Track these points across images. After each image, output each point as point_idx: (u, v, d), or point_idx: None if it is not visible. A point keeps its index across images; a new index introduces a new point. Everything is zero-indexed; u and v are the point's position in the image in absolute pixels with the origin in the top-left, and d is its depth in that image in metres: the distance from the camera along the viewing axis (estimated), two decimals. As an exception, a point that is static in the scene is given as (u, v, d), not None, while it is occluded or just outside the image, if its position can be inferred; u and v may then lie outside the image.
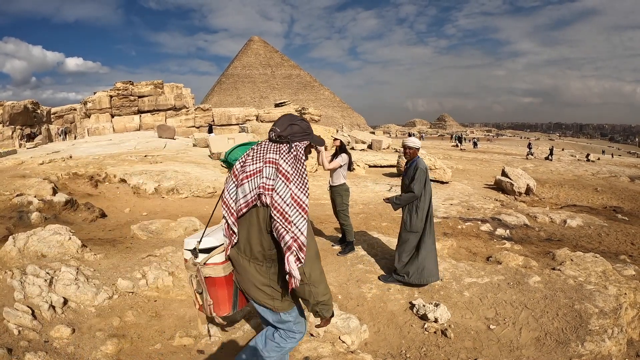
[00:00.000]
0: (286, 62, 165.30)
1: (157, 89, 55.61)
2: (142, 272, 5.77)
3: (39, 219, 9.41)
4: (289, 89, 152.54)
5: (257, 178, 2.79)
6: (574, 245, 8.74)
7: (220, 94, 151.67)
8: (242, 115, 56.99)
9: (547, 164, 36.32)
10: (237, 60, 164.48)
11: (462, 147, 58.21)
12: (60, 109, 53.02)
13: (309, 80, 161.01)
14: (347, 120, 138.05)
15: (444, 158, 32.18)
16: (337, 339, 4.63)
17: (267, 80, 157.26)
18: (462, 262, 7.01)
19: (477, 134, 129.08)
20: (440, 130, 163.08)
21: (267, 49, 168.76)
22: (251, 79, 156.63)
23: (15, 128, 42.12)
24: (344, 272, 6.63)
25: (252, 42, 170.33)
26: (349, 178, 20.21)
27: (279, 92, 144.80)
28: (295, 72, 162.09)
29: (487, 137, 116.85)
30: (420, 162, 6.12)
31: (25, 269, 5.38)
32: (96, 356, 4.19)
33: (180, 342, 4.55)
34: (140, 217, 11.44)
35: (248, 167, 2.84)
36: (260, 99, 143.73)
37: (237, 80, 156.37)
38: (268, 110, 60.54)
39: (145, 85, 55.52)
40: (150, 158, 22.23)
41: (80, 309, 4.98)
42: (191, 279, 3.09)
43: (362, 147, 37.56)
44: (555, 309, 5.35)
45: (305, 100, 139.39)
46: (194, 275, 3.06)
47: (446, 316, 5.21)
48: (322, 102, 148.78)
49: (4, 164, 21.17)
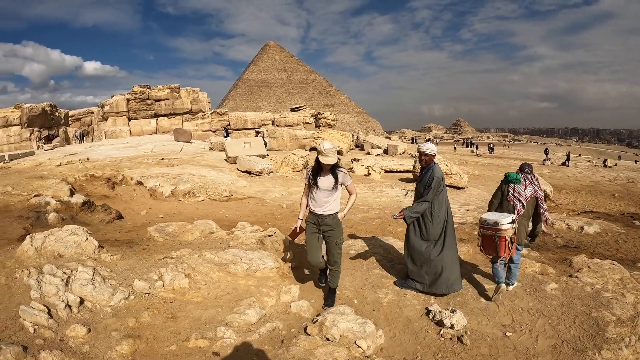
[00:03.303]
0: (302, 67, 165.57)
1: (174, 93, 55.88)
2: (159, 274, 5.76)
3: (56, 220, 9.46)
4: (304, 93, 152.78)
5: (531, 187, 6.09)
6: (591, 252, 8.61)
7: (236, 98, 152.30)
8: (258, 120, 57.14)
9: (563, 169, 36.01)
10: (253, 65, 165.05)
11: (478, 153, 57.83)
12: (77, 112, 53.53)
13: (324, 85, 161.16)
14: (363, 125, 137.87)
15: (460, 163, 31.97)
16: (352, 343, 4.58)
17: (283, 85, 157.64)
18: (478, 268, 6.93)
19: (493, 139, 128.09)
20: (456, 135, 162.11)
21: (283, 53, 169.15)
22: (267, 84, 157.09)
23: (33, 130, 42.52)
24: (359, 277, 6.59)
25: (268, 47, 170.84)
26: (365, 183, 20.22)
27: (294, 97, 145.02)
28: (311, 77, 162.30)
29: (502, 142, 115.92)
30: (437, 170, 5.96)
31: (42, 268, 5.39)
32: (111, 356, 4.18)
33: (195, 344, 4.53)
34: (156, 219, 11.48)
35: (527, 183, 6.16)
36: (276, 104, 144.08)
37: (253, 84, 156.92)
38: (284, 115, 60.65)
39: (162, 89, 55.81)
40: (167, 161, 22.35)
41: (96, 308, 4.98)
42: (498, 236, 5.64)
43: (377, 152, 37.50)
44: (572, 316, 5.26)
45: (321, 105, 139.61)
46: (508, 235, 5.59)
47: (462, 322, 5.14)
48: (337, 107, 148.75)
49: (22, 165, 21.43)
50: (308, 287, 6.26)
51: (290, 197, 15.06)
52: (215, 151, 29.98)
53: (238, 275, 6.04)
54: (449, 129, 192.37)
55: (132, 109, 53.71)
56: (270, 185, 17.77)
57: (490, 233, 5.70)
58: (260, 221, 10.91)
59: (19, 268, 5.50)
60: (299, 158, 22.73)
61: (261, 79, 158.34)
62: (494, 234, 5.65)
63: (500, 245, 5.61)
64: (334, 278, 5.81)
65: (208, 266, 6.09)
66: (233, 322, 4.94)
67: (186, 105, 55.51)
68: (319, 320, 4.88)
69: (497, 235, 5.63)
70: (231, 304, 5.40)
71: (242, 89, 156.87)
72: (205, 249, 6.83)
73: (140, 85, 55.21)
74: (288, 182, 18.84)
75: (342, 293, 6.02)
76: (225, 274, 6.03)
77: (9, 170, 20.29)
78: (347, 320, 4.78)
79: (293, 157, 22.85)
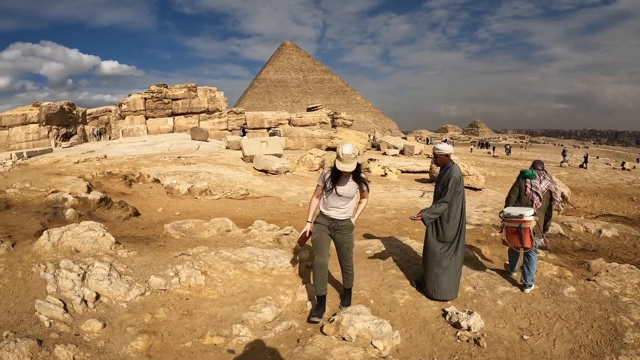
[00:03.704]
0: (318, 67, 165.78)
1: (191, 92, 56.24)
2: (175, 271, 5.75)
3: (73, 216, 9.50)
4: (321, 93, 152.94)
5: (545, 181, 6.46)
6: (609, 256, 8.44)
7: (252, 97, 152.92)
8: (275, 119, 57.29)
9: (581, 171, 35.63)
10: (269, 65, 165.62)
11: (494, 154, 57.46)
12: (95, 110, 54.11)
13: (341, 85, 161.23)
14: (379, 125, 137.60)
15: (477, 164, 31.77)
16: (369, 344, 4.51)
17: (299, 84, 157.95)
18: (495, 271, 6.83)
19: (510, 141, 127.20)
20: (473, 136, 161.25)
21: (300, 53, 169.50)
22: (283, 84, 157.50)
23: (51, 128, 43.12)
24: (376, 277, 6.51)
25: (285, 47, 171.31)
26: (382, 183, 20.14)
27: (311, 97, 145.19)
28: (327, 77, 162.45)
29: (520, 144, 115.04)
30: (455, 170, 5.89)
31: (58, 263, 5.40)
32: (126, 351, 4.17)
33: (210, 341, 4.50)
34: (173, 216, 11.50)
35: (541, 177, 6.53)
36: (293, 103, 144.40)
37: (270, 84, 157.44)
38: (300, 115, 60.76)
39: (179, 88, 56.20)
40: (184, 159, 22.44)
41: (112, 304, 4.98)
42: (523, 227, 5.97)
43: (394, 152, 37.39)
44: (590, 320, 5.16)
45: (338, 105, 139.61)
46: (531, 227, 5.92)
47: (479, 325, 5.05)
48: (354, 107, 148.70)
49: (40, 162, 21.64)
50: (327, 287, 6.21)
51: (307, 197, 15.01)
52: (231, 150, 30.08)
53: (254, 273, 6.00)
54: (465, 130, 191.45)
55: (150, 108, 54.15)
56: (286, 184, 17.76)
57: (514, 225, 6.04)
58: (277, 220, 10.87)
59: (36, 262, 5.52)
60: (315, 157, 22.72)
61: (278, 79, 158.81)
62: (519, 226, 5.98)
63: (525, 236, 5.95)
64: (349, 279, 5.64)
65: (224, 264, 6.06)
66: (249, 320, 4.90)
67: (203, 104, 55.84)
68: (336, 319, 4.83)
69: (522, 227, 5.96)
70: (247, 301, 5.37)
71: (258, 88, 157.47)
72: (222, 247, 6.81)
73: (157, 84, 55.66)
74: (304, 182, 18.81)
75: (359, 293, 5.95)
76: (242, 272, 6.00)
77: (27, 167, 20.50)
78: (363, 320, 4.71)
79: (309, 156, 22.84)
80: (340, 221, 5.36)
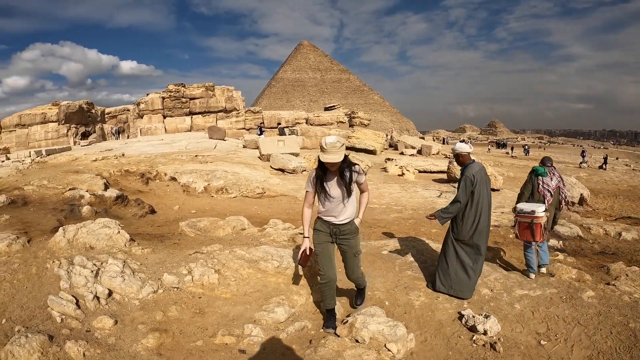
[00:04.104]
0: (335, 67, 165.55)
1: (208, 92, 56.48)
2: (188, 269, 5.73)
3: (90, 213, 9.55)
4: (338, 93, 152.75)
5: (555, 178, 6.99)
6: (629, 260, 8.26)
7: (270, 97, 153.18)
8: (292, 118, 57.28)
9: (600, 173, 35.11)
10: (287, 65, 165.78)
11: (513, 154, 56.95)
12: (114, 110, 54.52)
13: (358, 85, 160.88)
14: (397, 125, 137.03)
15: (495, 165, 31.49)
16: (382, 346, 4.44)
17: (316, 84, 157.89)
18: (513, 273, 6.69)
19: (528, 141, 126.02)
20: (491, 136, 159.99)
21: (317, 53, 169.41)
22: (301, 83, 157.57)
23: (70, 126, 43.61)
24: (391, 279, 6.43)
25: (302, 47, 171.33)
26: (399, 182, 20.05)
27: (328, 96, 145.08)
28: (344, 77, 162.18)
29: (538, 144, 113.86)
30: (469, 169, 5.85)
31: (72, 259, 5.41)
32: (136, 349, 4.15)
33: (222, 340, 4.46)
34: (188, 214, 11.52)
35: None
36: (310, 103, 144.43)
37: (287, 84, 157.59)
38: (318, 114, 60.67)
39: (196, 87, 56.47)
40: (201, 158, 22.51)
41: (124, 301, 4.98)
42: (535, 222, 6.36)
43: (411, 152, 37.22)
44: (609, 326, 5.02)
45: (355, 104, 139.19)
46: (542, 222, 6.34)
47: (496, 329, 4.94)
48: (371, 106, 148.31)
49: (58, 160, 21.85)
50: (339, 287, 6.14)
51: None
52: (248, 149, 30.13)
53: (268, 273, 5.95)
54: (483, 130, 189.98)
55: (167, 107, 54.51)
56: (303, 183, 17.67)
57: (527, 221, 6.45)
58: (292, 219, 10.82)
59: (50, 259, 5.54)
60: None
61: (295, 78, 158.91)
62: (531, 221, 6.39)
63: (537, 231, 6.37)
64: (360, 285, 5.35)
65: (238, 262, 6.02)
66: (261, 319, 4.86)
67: (220, 104, 56.05)
68: (349, 321, 4.76)
69: (534, 222, 6.37)
70: (260, 301, 5.32)
71: (276, 87, 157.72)
72: (236, 245, 6.78)
73: (175, 83, 55.99)
74: (321, 181, 18.71)
75: (374, 294, 5.88)
76: (256, 271, 5.96)
77: (46, 165, 20.71)
78: (377, 322, 4.63)
79: (326, 155, 22.74)
80: (342, 225, 4.84)
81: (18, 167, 19.40)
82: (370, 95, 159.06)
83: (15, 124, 42.78)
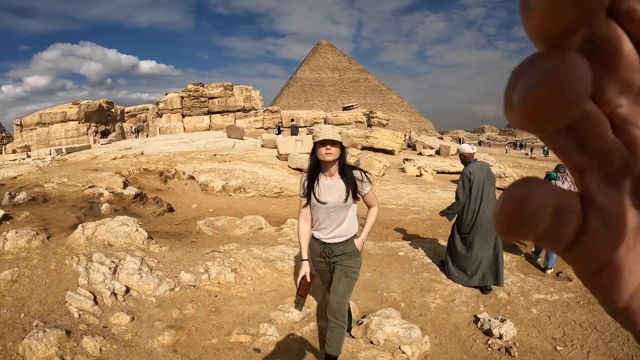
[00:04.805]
0: (354, 66, 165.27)
1: (227, 91, 56.71)
2: (205, 267, 5.75)
3: (109, 210, 9.63)
4: (356, 92, 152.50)
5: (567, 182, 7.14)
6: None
7: (288, 96, 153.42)
8: (310, 118, 57.26)
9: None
10: (305, 64, 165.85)
11: (532, 155, 56.45)
12: (133, 109, 55.04)
13: (376, 84, 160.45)
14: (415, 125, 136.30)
15: (514, 166, 31.20)
16: (397, 348, 4.42)
17: (335, 83, 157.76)
18: (530, 277, 6.63)
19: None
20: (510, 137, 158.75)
21: (335, 52, 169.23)
22: (319, 83, 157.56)
23: (90, 125, 44.17)
24: (408, 280, 6.40)
25: (320, 46, 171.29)
26: (417, 183, 19.94)
27: (347, 96, 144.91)
28: (363, 76, 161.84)
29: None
30: (466, 167, 6.36)
31: (91, 256, 5.46)
32: (152, 345, 4.17)
33: (237, 339, 4.47)
34: (206, 213, 11.56)
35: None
36: (328, 102, 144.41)
37: (306, 83, 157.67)
38: (336, 114, 60.57)
39: (215, 87, 56.72)
40: (219, 157, 22.59)
41: (141, 298, 5.01)
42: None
43: (429, 152, 36.99)
44: (626, 333, 4.93)
45: (373, 104, 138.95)
46: None
47: (511, 333, 4.89)
48: (390, 106, 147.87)
49: (78, 158, 22.09)
50: (356, 288, 6.09)
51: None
52: (267, 148, 30.17)
53: (284, 272, 5.95)
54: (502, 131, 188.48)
55: (186, 106, 54.81)
56: (320, 183, 17.67)
57: None
58: (309, 218, 10.81)
59: (69, 255, 5.59)
60: (350, 157, 22.59)
61: (313, 78, 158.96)
62: None
63: None
64: (333, 337, 3.79)
65: (255, 262, 6.03)
66: (276, 319, 4.86)
67: (239, 103, 56.22)
68: (364, 322, 4.74)
69: None
70: (276, 300, 5.33)
71: (294, 87, 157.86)
72: (253, 245, 6.80)
73: (194, 83, 56.27)
74: (338, 181, 18.69)
75: (390, 295, 5.86)
76: (272, 270, 5.96)
77: (66, 163, 20.97)
78: (393, 324, 4.61)
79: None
80: (336, 245, 3.76)
81: (38, 164, 19.68)
82: (389, 94, 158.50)
83: (36, 122, 43.49)
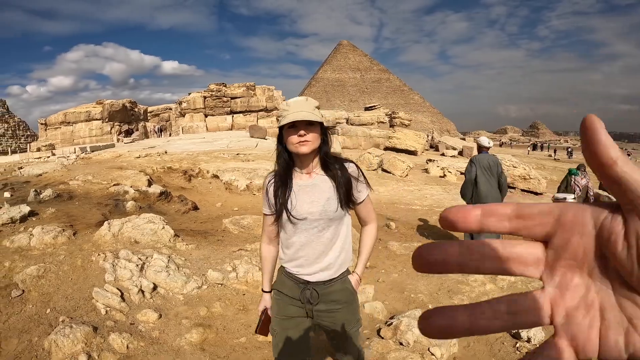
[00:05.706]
0: (375, 66, 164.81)
1: (249, 91, 56.95)
2: (233, 265, 5.70)
3: (134, 208, 9.64)
4: (378, 92, 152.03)
5: (585, 179, 9.71)
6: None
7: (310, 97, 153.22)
8: (332, 118, 57.14)
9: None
10: (326, 64, 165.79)
11: (555, 157, 55.79)
12: (156, 108, 55.52)
13: (398, 85, 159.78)
14: (437, 125, 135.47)
15: (537, 168, 30.80)
16: (426, 350, 4.31)
17: (356, 84, 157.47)
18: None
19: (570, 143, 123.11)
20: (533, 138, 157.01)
21: (357, 53, 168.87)
22: (341, 83, 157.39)
23: (113, 124, 44.76)
24: (435, 281, 6.28)
25: (342, 47, 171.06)
26: (441, 184, 19.75)
27: (368, 96, 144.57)
28: (384, 76, 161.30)
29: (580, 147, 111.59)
30: (476, 155, 7.61)
31: (118, 253, 5.43)
32: (180, 343, 4.12)
33: (265, 338, 4.38)
34: (231, 211, 11.52)
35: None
36: (350, 103, 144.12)
37: (327, 83, 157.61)
38: (358, 114, 60.38)
39: (237, 87, 57.02)
40: (242, 156, 22.63)
41: (168, 295, 4.96)
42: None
43: (452, 153, 36.76)
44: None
45: (395, 104, 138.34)
46: None
47: (540, 336, 4.73)
48: (411, 106, 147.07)
49: (102, 156, 22.30)
50: (383, 288, 6.02)
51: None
52: (289, 148, 30.09)
53: (312, 271, 5.87)
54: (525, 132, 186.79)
55: (209, 106, 55.16)
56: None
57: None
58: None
59: (96, 252, 5.57)
60: (373, 157, 22.49)
61: (335, 78, 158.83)
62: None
63: None
64: None
65: (281, 260, 5.96)
66: (305, 318, 4.77)
67: (261, 103, 56.42)
68: (394, 323, 4.64)
69: None
70: (303, 299, 5.24)
71: (316, 87, 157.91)
72: (279, 243, 6.73)
73: (216, 83, 56.66)
74: (361, 180, 18.60)
75: (417, 297, 5.75)
76: (299, 269, 5.88)
77: (90, 161, 21.17)
78: (422, 325, 4.51)
79: (368, 155, 22.64)
80: (322, 284, 2.43)
81: (63, 162, 19.89)
82: (411, 95, 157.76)
83: (60, 121, 44.24)
